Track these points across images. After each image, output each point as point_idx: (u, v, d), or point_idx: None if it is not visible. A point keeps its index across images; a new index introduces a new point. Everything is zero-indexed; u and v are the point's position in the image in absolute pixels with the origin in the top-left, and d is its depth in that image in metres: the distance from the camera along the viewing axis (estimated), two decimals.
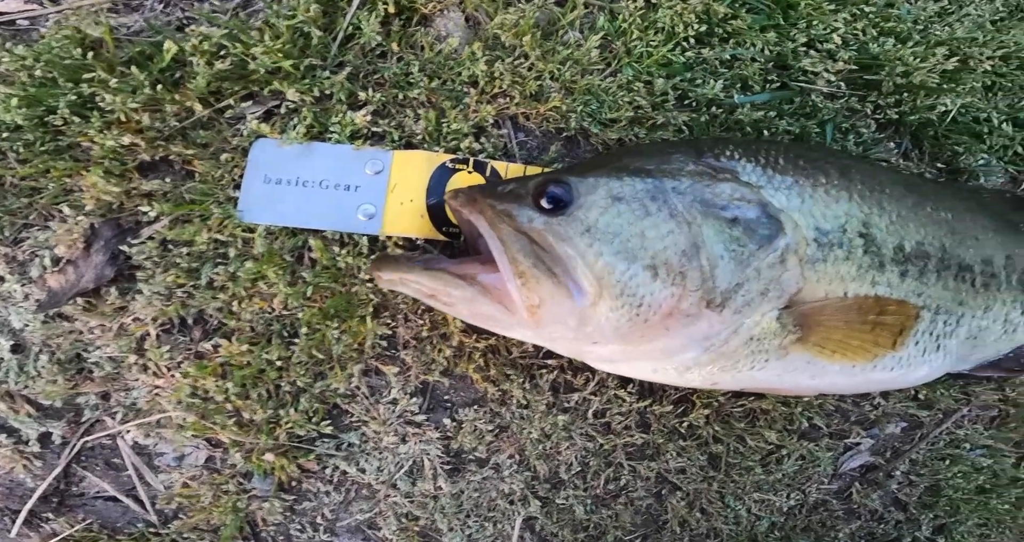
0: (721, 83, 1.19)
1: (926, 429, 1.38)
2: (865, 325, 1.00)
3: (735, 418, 1.30)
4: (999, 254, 1.13)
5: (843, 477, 1.41)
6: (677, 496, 1.31)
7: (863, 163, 1.07)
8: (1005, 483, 1.44)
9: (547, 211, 0.91)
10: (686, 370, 1.01)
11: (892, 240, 1.00)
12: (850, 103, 1.28)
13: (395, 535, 1.18)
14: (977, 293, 1.10)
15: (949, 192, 1.14)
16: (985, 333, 1.15)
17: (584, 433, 1.23)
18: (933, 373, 1.14)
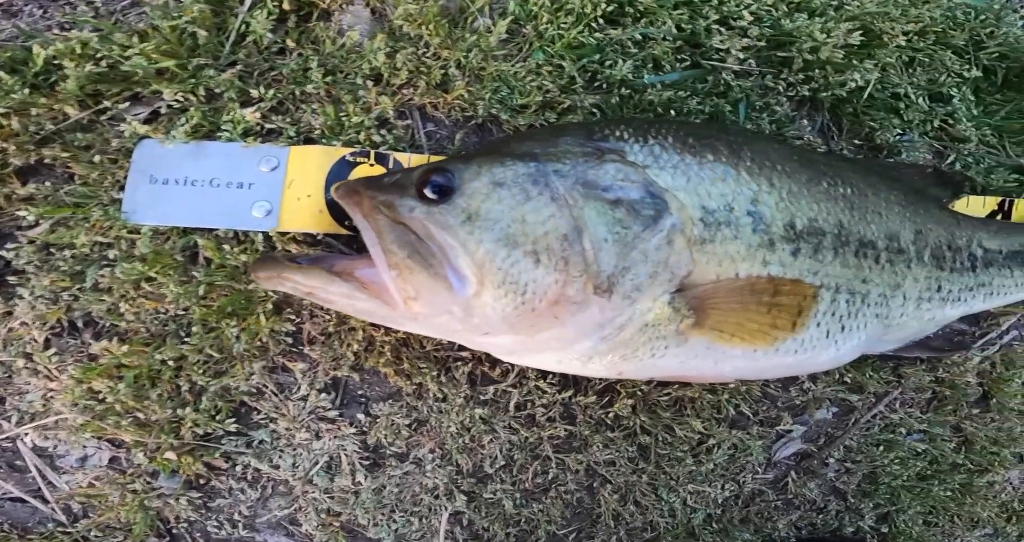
0: (631, 64, 1.21)
1: (859, 414, 1.40)
2: (761, 307, 1.01)
3: (662, 407, 1.31)
4: (906, 229, 1.15)
5: (778, 466, 1.42)
6: (608, 489, 1.32)
7: (760, 141, 1.08)
8: (946, 469, 1.44)
9: (430, 200, 0.92)
10: (588, 360, 1.02)
11: (782, 217, 1.01)
12: (764, 81, 1.30)
13: (317, 530, 1.19)
14: (883, 270, 1.11)
15: (852, 167, 1.14)
16: (898, 312, 1.16)
17: (507, 426, 1.24)
18: (845, 355, 1.15)
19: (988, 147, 1.40)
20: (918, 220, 1.17)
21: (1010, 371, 1.43)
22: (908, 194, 1.18)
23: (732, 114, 1.29)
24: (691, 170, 0.98)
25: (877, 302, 1.12)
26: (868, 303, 1.11)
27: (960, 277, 1.21)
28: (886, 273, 1.12)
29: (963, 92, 1.37)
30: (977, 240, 1.23)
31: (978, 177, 1.39)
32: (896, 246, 1.13)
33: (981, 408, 1.45)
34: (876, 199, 1.12)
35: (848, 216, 1.07)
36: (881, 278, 1.11)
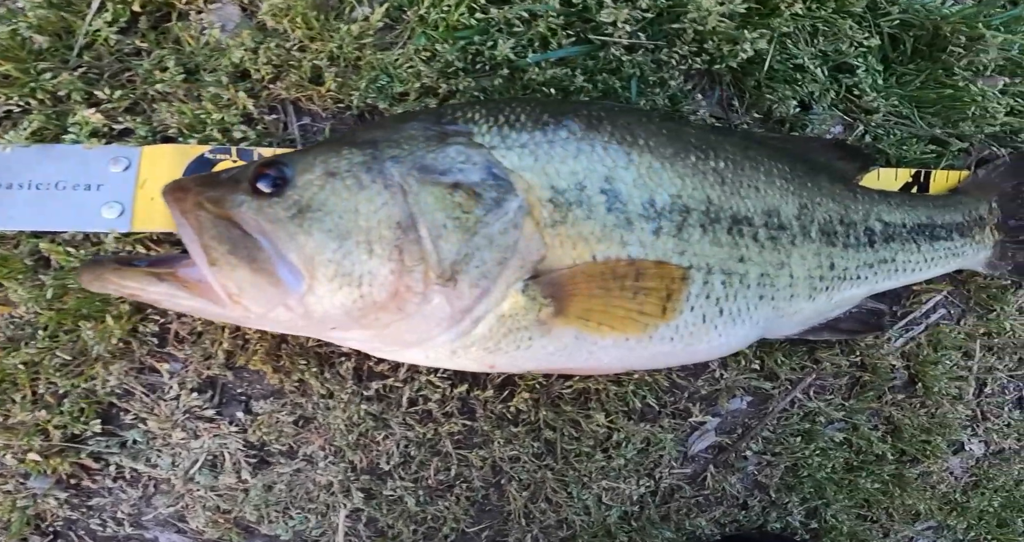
0: (512, 43, 1.20)
1: (775, 403, 1.37)
2: (625, 291, 0.98)
3: (565, 401, 1.29)
4: (789, 204, 1.11)
5: (695, 460, 1.39)
6: (515, 486, 1.29)
7: (627, 115, 1.05)
8: (872, 460, 1.40)
9: (262, 194, 0.90)
10: (452, 354, 0.99)
11: (640, 194, 0.98)
12: (659, 55, 1.27)
13: (208, 527, 1.19)
14: (763, 248, 1.09)
15: (732, 141, 1.11)
16: (787, 293, 1.13)
17: (402, 422, 1.22)
18: (735, 341, 1.11)
19: (900, 118, 1.37)
20: (804, 194, 1.14)
21: (938, 352, 1.39)
22: (793, 167, 1.16)
23: (625, 91, 1.28)
24: (540, 149, 0.96)
25: (760, 283, 1.09)
26: (748, 284, 1.08)
27: (856, 254, 1.18)
28: (767, 251, 1.09)
29: (868, 62, 1.35)
30: (876, 214, 1.20)
31: (890, 149, 1.36)
32: (776, 222, 1.10)
33: (908, 393, 1.40)
34: (754, 172, 1.09)
35: (718, 191, 1.05)
36: (761, 257, 1.08)
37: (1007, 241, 1.34)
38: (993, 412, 1.46)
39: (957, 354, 1.41)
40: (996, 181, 1.34)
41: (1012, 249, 1.34)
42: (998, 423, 1.46)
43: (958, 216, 1.27)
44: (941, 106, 1.37)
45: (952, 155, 1.37)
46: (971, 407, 1.44)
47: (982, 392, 1.45)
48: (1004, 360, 1.44)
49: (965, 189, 1.33)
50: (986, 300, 1.41)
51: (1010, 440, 1.47)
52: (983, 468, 1.48)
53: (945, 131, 1.37)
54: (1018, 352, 1.45)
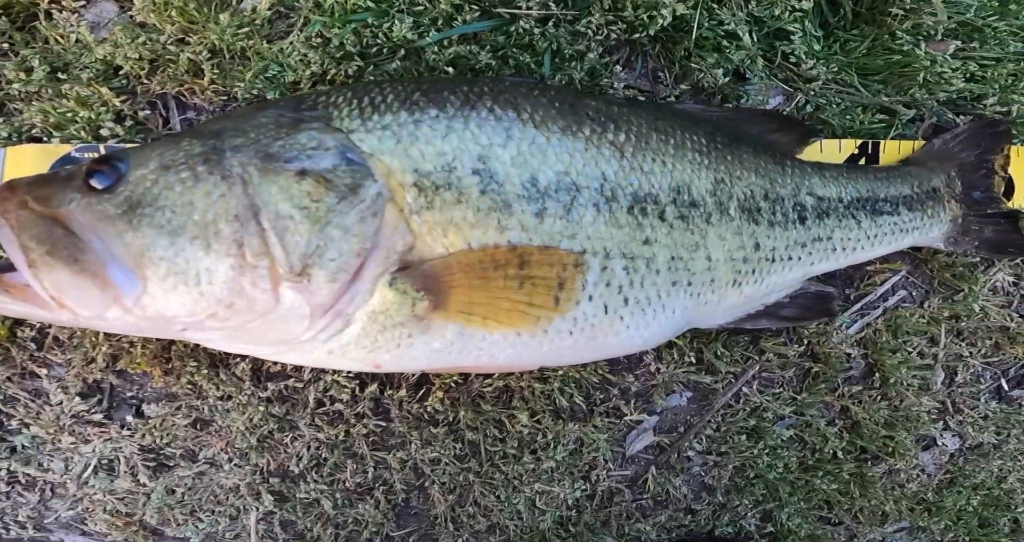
0: (411, 23, 1.12)
1: (717, 398, 1.26)
2: (510, 281, 0.89)
3: (485, 400, 1.20)
4: (702, 179, 1.00)
5: (635, 461, 1.29)
6: (439, 489, 1.21)
7: (518, 89, 0.95)
8: (828, 458, 1.29)
9: (95, 191, 0.82)
10: (330, 354, 0.91)
11: (519, 173, 0.88)
12: (576, 26, 1.17)
13: (112, 530, 1.16)
14: (672, 229, 0.98)
15: (637, 113, 1.00)
16: (706, 278, 1.02)
17: (311, 423, 1.16)
18: (648, 333, 1.00)
19: (844, 87, 1.25)
20: (721, 167, 1.03)
21: (898, 339, 1.27)
22: (714, 139, 1.05)
23: (538, 67, 1.18)
24: (404, 130, 0.87)
25: (671, 267, 0.98)
26: (656, 269, 0.97)
27: (785, 232, 1.06)
28: (677, 232, 0.98)
29: (805, 26, 1.23)
30: (807, 188, 1.09)
31: (833, 120, 1.24)
32: (687, 198, 0.99)
33: (865, 385, 1.28)
34: (662, 145, 0.99)
35: (616, 166, 0.94)
36: (671, 238, 0.98)
37: (970, 215, 1.21)
38: (967, 403, 1.33)
39: (921, 340, 1.29)
40: (955, 150, 1.22)
41: (977, 223, 1.22)
42: (973, 415, 1.33)
43: (905, 188, 1.15)
44: (889, 73, 1.25)
45: (902, 125, 1.25)
46: (940, 398, 1.31)
47: (953, 381, 1.32)
48: (976, 345, 1.31)
49: (917, 160, 1.21)
50: (951, 280, 1.28)
51: (988, 434, 1.33)
52: (958, 464, 1.35)
53: (893, 99, 1.25)
54: (992, 336, 1.32)
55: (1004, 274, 1.30)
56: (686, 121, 1.06)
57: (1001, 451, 1.36)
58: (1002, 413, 1.34)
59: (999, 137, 1.24)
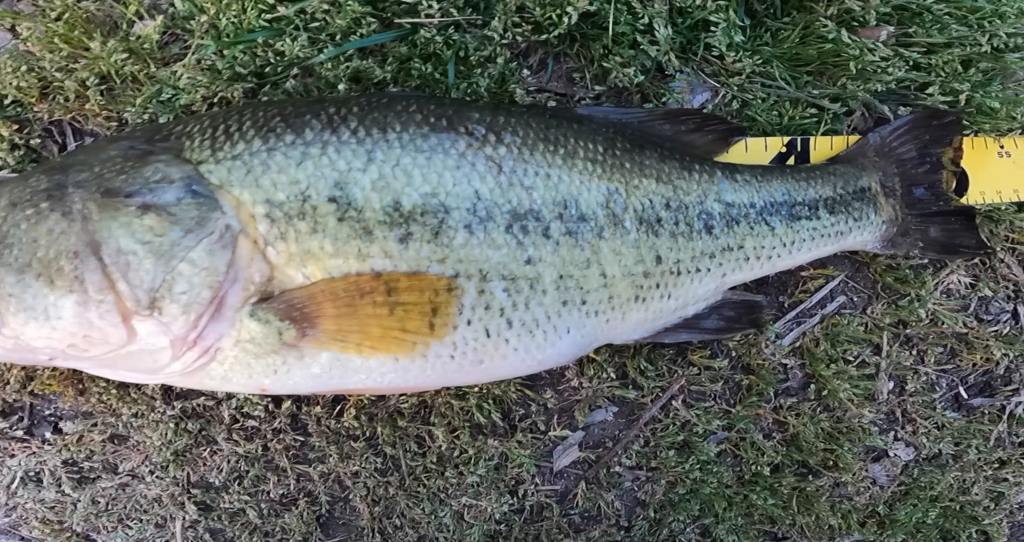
0: (305, 39, 1.08)
1: (644, 413, 1.20)
2: (380, 308, 0.85)
3: (403, 416, 1.18)
4: (592, 191, 0.94)
5: (564, 476, 1.25)
6: (364, 501, 1.20)
7: (393, 106, 0.91)
8: (766, 473, 1.22)
9: None
10: (212, 379, 0.90)
11: (381, 198, 0.84)
12: (484, 31, 1.11)
13: (47, 536, 1.19)
14: (558, 246, 0.93)
15: (527, 122, 0.94)
16: (603, 295, 0.96)
17: (228, 438, 1.16)
18: (543, 355, 0.95)
19: (772, 80, 1.17)
20: (616, 177, 0.97)
21: (837, 348, 1.19)
22: (613, 146, 0.98)
23: (442, 78, 1.13)
24: (256, 159, 0.84)
25: (560, 286, 0.93)
26: (543, 289, 0.92)
27: (689, 243, 1.00)
28: (564, 249, 0.93)
29: (730, 16, 1.15)
30: (715, 194, 1.02)
31: (760, 116, 1.16)
32: (575, 213, 0.93)
33: (803, 397, 1.21)
34: (547, 156, 0.93)
35: (491, 183, 0.89)
36: (557, 256, 0.92)
37: (912, 214, 1.12)
38: (920, 413, 1.24)
39: (862, 349, 1.21)
40: (894, 145, 1.13)
41: (921, 223, 1.13)
42: (927, 425, 1.24)
43: (826, 190, 1.06)
44: (820, 63, 1.16)
45: (831, 119, 1.16)
46: (886, 409, 1.23)
47: (904, 390, 1.24)
48: (927, 353, 1.22)
49: (847, 157, 1.12)
50: (895, 284, 1.19)
51: (944, 444, 1.25)
52: (913, 476, 1.27)
53: (823, 92, 1.16)
54: (947, 342, 1.23)
55: (958, 276, 1.21)
56: (585, 128, 1.00)
57: (961, 462, 1.27)
58: (961, 422, 1.26)
59: (947, 129, 1.14)
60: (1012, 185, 1.17)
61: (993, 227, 1.20)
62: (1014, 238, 1.21)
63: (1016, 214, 1.19)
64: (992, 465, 1.29)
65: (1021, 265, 1.22)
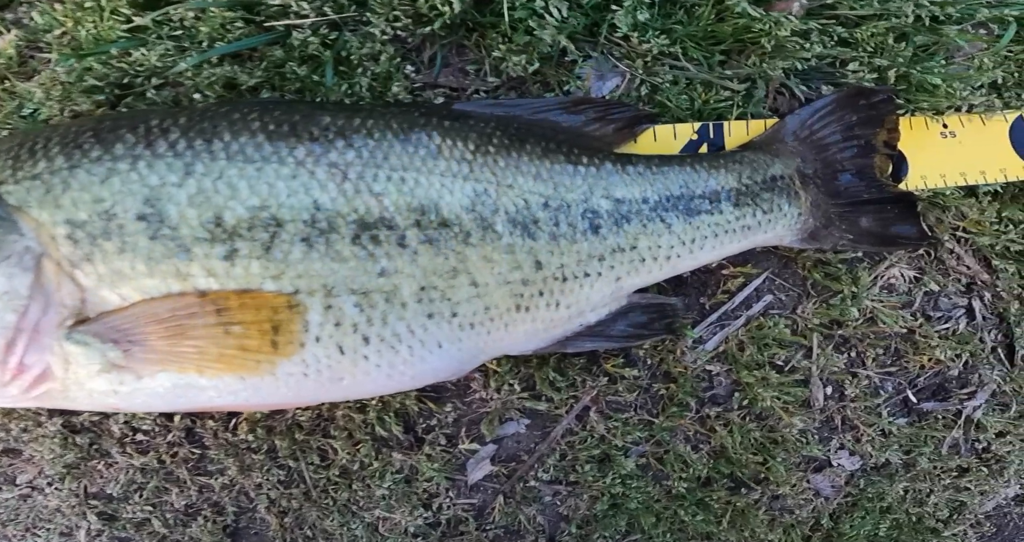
0: (163, 49, 0.96)
1: (559, 425, 1.06)
2: (212, 329, 0.74)
3: (302, 429, 1.07)
4: (454, 194, 0.80)
5: (481, 490, 1.12)
6: (271, 512, 1.09)
7: (224, 116, 0.79)
8: (695, 486, 1.08)
9: None
10: (55, 400, 0.80)
11: (200, 214, 0.73)
12: (368, 29, 0.98)
13: None
14: (417, 255, 0.79)
15: (382, 123, 0.82)
16: (477, 306, 0.83)
17: (123, 451, 1.06)
18: (414, 370, 0.83)
19: (681, 61, 1.01)
20: (485, 177, 0.83)
21: (764, 353, 1.03)
22: (486, 142, 0.85)
23: (322, 80, 1.00)
24: (56, 178, 0.73)
25: (421, 299, 0.80)
26: (402, 302, 0.80)
27: (573, 245, 0.85)
28: (424, 258, 0.80)
29: None
30: (603, 189, 0.87)
31: (670, 101, 1.00)
32: (435, 219, 0.80)
33: (730, 405, 1.06)
34: (404, 159, 0.80)
35: (332, 192, 0.77)
36: (416, 266, 0.80)
37: (837, 203, 0.96)
38: (863, 420, 1.07)
39: (791, 352, 1.04)
40: (815, 128, 0.96)
41: (849, 213, 0.96)
42: (870, 433, 1.07)
43: (730, 180, 0.90)
44: (735, 41, 0.99)
45: (750, 101, 1.00)
46: (821, 417, 1.07)
47: (844, 396, 1.07)
48: (865, 354, 1.05)
49: (761, 143, 0.96)
50: (824, 280, 1.03)
51: (892, 452, 1.08)
52: (860, 486, 1.11)
53: (736, 72, 0.99)
54: (891, 342, 1.06)
55: (901, 269, 1.04)
56: (458, 125, 0.86)
57: (913, 470, 1.10)
58: (911, 429, 1.08)
59: (877, 108, 0.97)
60: (958, 168, 0.99)
61: (940, 214, 1.02)
62: (963, 226, 1.02)
63: (963, 199, 1.01)
64: (950, 473, 1.12)
65: (975, 256, 1.04)
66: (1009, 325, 1.06)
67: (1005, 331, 1.08)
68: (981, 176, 0.98)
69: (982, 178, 0.99)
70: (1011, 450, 1.12)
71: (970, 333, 1.05)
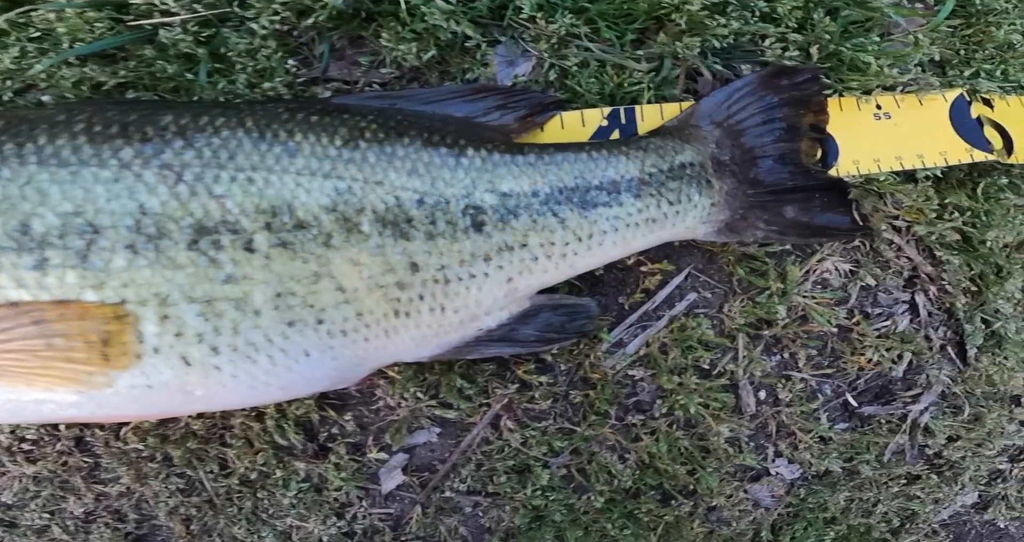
0: (16, 50, 0.83)
1: (469, 434, 0.93)
2: (32, 341, 0.63)
3: (197, 437, 0.94)
4: (313, 193, 0.67)
5: (397, 500, 0.99)
6: (175, 520, 0.98)
7: (49, 118, 0.67)
8: (624, 499, 0.94)
9: None
10: None
11: (4, 222, 0.61)
12: (248, 25, 0.85)
13: None
14: (269, 260, 0.67)
15: (237, 119, 0.69)
16: (345, 312, 0.70)
17: (13, 460, 0.95)
18: (282, 381, 0.71)
19: (589, 42, 0.87)
20: (350, 174, 0.70)
21: (688, 356, 0.89)
22: (354, 138, 0.72)
23: (195, 78, 0.87)
24: None
25: (278, 306, 0.68)
26: (255, 310, 0.67)
27: (454, 244, 0.72)
28: (278, 263, 0.67)
29: None
30: (487, 183, 0.74)
31: (581, 85, 0.87)
32: (289, 221, 0.68)
33: (653, 412, 0.92)
34: (253, 159, 0.67)
35: (163, 195, 0.64)
36: (269, 272, 0.67)
37: (760, 193, 0.81)
38: (800, 426, 0.93)
39: (717, 355, 0.90)
40: (733, 111, 0.82)
41: (773, 202, 0.82)
42: (808, 440, 0.93)
43: (631, 169, 0.76)
44: (648, 18, 0.85)
45: (664, 84, 0.85)
46: (752, 424, 0.93)
47: (778, 400, 0.93)
48: (798, 356, 0.91)
49: (672, 128, 0.82)
50: (748, 276, 0.88)
51: (831, 461, 0.93)
52: (801, 496, 0.96)
53: (647, 52, 0.85)
54: (824, 342, 0.91)
55: (835, 262, 0.89)
56: (328, 120, 0.73)
57: (857, 478, 0.96)
58: (851, 434, 0.94)
59: (801, 89, 0.82)
60: (893, 151, 0.84)
61: (875, 202, 0.87)
62: (902, 215, 0.87)
63: (901, 185, 0.86)
64: (898, 481, 0.97)
65: (916, 247, 0.89)
66: (959, 321, 0.92)
67: (955, 328, 0.93)
68: (919, 160, 0.84)
69: (920, 162, 0.84)
70: (965, 455, 0.97)
71: (914, 331, 0.91)
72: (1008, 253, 0.92)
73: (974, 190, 0.88)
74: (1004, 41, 0.88)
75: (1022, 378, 0.94)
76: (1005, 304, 0.90)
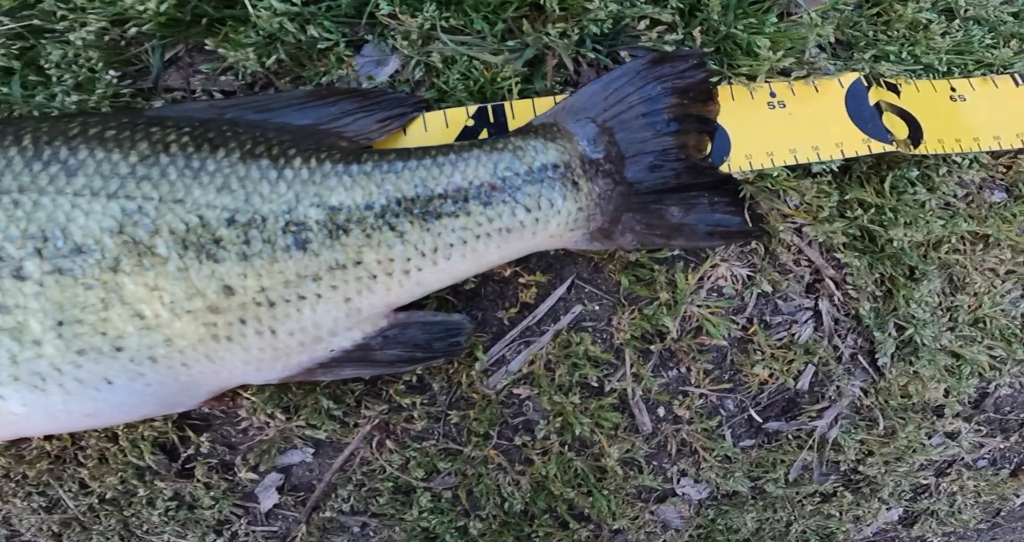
0: None
1: (340, 456, 0.80)
2: None
3: (49, 457, 0.80)
4: (93, 215, 0.53)
5: (280, 518, 0.85)
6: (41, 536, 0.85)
7: None
8: (516, 520, 0.80)
9: None
10: None
11: None
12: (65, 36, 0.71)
13: None
14: (43, 287, 0.53)
15: (29, 139, 0.56)
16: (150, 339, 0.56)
17: None
18: (90, 409, 0.58)
19: (451, 35, 0.72)
20: (143, 192, 0.56)
21: (576, 372, 0.75)
22: (156, 153, 0.57)
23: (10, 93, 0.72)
24: None
25: (62, 335, 0.54)
26: (35, 340, 0.54)
27: (275, 265, 0.58)
28: (55, 290, 0.53)
29: None
30: (313, 196, 0.59)
31: (448, 84, 0.72)
32: (64, 246, 0.53)
33: (542, 432, 0.77)
34: (22, 180, 0.54)
35: None
36: (46, 300, 0.53)
37: (639, 194, 0.66)
38: (702, 444, 0.79)
39: (605, 371, 0.76)
40: (608, 104, 0.66)
41: (654, 204, 0.67)
42: (711, 459, 0.79)
43: (480, 174, 0.62)
44: (520, 6, 0.70)
45: (536, 77, 0.70)
46: (653, 443, 0.78)
47: (677, 418, 0.78)
48: (695, 369, 0.76)
49: (537, 126, 0.67)
50: (632, 286, 0.73)
51: (736, 480, 0.79)
52: (710, 517, 0.82)
53: (519, 41, 0.70)
54: (726, 354, 0.77)
55: (730, 268, 0.74)
56: (123, 136, 0.59)
57: (767, 497, 0.81)
58: (759, 451, 0.79)
59: (685, 76, 0.67)
60: (787, 143, 0.69)
61: (773, 200, 0.72)
62: (794, 214, 0.72)
63: (799, 181, 0.71)
64: (812, 500, 0.83)
65: (818, 249, 0.74)
66: (869, 328, 0.77)
67: (867, 335, 0.79)
68: (814, 153, 0.68)
69: (815, 155, 0.69)
70: (884, 471, 0.83)
71: (818, 339, 0.76)
72: (924, 252, 0.77)
73: (881, 184, 0.73)
74: (912, 20, 0.73)
75: (942, 388, 0.79)
76: (919, 309, 0.75)
